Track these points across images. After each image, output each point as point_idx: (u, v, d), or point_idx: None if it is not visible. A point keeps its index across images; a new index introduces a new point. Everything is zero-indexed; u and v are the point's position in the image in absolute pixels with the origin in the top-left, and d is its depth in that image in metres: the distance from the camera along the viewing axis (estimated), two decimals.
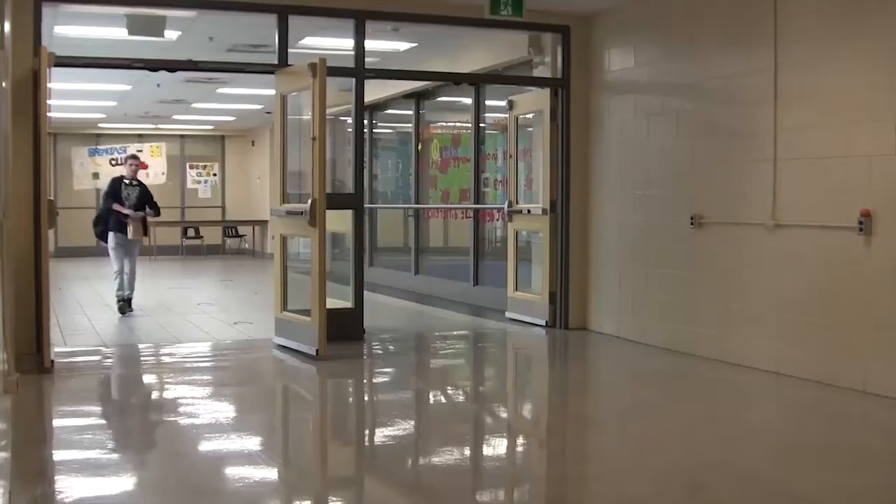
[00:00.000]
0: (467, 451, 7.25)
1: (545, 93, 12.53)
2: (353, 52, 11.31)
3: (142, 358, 10.73)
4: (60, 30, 12.35)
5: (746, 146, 9.75)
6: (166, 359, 10.86)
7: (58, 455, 6.90)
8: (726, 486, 6.07)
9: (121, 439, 7.24)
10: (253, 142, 29.60)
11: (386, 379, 10.18)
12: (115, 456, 6.79)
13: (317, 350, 10.03)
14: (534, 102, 13.01)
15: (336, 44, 13.00)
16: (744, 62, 9.80)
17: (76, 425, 7.70)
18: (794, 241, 9.20)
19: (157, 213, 14.75)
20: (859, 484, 6.12)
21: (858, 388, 8.46)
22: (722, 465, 6.50)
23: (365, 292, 11.58)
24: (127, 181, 14.46)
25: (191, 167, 28.25)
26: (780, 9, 9.31)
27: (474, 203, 15.99)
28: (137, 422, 7.81)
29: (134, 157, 15.22)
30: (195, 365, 10.35)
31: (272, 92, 11.21)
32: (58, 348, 10.38)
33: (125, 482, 6.20)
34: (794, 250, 9.18)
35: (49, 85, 9.70)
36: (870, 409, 8.10)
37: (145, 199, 14.42)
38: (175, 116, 25.14)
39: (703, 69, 10.35)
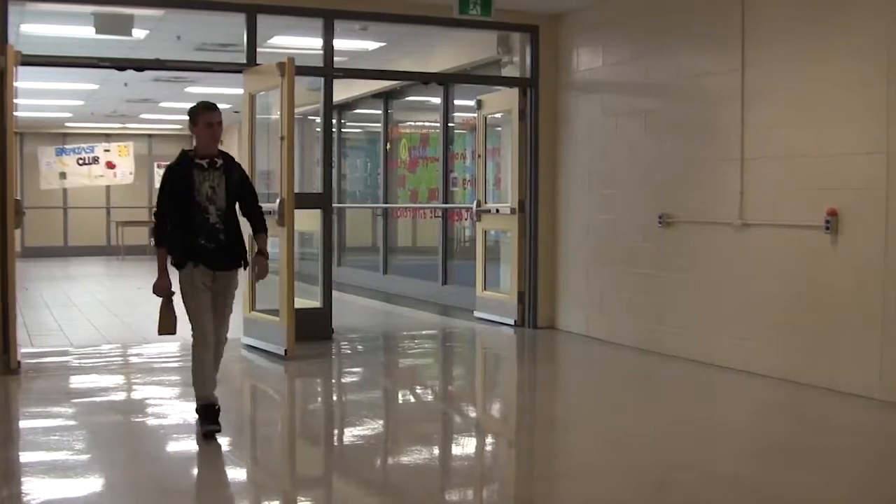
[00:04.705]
0: (436, 451, 7.26)
1: (514, 92, 12.55)
2: (321, 52, 11.30)
3: (109, 358, 10.68)
4: (27, 28, 12.29)
5: (714, 145, 9.79)
6: (134, 359, 10.82)
7: (24, 456, 6.87)
8: (695, 485, 6.10)
9: (88, 440, 7.20)
10: (221, 141, 29.43)
11: (354, 378, 10.17)
12: (82, 457, 6.76)
13: (285, 350, 10.02)
14: (502, 102, 13.03)
15: (304, 43, 12.99)
16: (711, 61, 9.84)
17: (43, 426, 7.66)
18: (761, 241, 9.25)
19: (257, 212, 7.65)
20: (826, 482, 6.16)
21: (826, 387, 8.52)
22: (690, 465, 6.53)
23: (333, 292, 11.58)
24: (203, 161, 7.37)
25: (158, 166, 28.02)
26: (747, 8, 9.36)
27: (443, 202, 15.99)
28: (105, 423, 7.77)
29: (209, 106, 7.60)
30: (163, 365, 10.30)
31: (241, 91, 11.18)
32: (24, 349, 10.32)
33: (93, 483, 6.18)
34: (762, 249, 9.23)
35: (15, 84, 9.65)
36: (837, 407, 8.14)
37: (238, 191, 7.46)
38: (143, 116, 25.02)
39: (671, 68, 10.39)
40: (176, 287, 7.13)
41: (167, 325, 7.39)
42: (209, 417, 7.09)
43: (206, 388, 7.16)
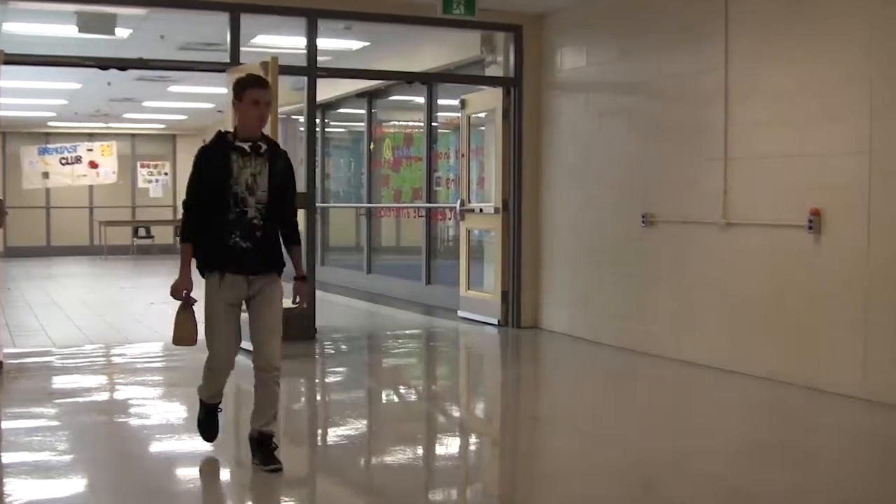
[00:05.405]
0: (420, 451, 7.26)
1: (497, 92, 12.56)
2: (305, 51, 11.29)
3: (92, 358, 10.64)
4: (9, 27, 12.24)
5: (697, 144, 9.81)
6: (117, 359, 10.79)
7: (7, 457, 6.84)
8: (678, 484, 6.11)
9: (71, 441, 7.18)
10: (205, 141, 29.34)
11: (338, 378, 10.17)
12: (65, 458, 6.73)
13: None
14: (486, 101, 13.03)
15: (288, 42, 12.97)
16: (695, 61, 9.86)
17: (26, 427, 7.63)
18: (745, 240, 9.27)
19: (293, 219, 6.50)
20: (808, 481, 6.18)
21: (809, 386, 8.54)
22: (674, 463, 6.54)
23: (317, 292, 11.56)
24: (244, 145, 6.19)
25: (142, 166, 28.04)
26: (730, 7, 9.38)
27: (426, 202, 15.98)
28: (88, 423, 7.75)
29: (258, 82, 6.30)
30: (146, 365, 10.28)
31: (224, 90, 11.15)
32: (6, 349, 10.27)
33: (76, 484, 6.15)
34: (746, 249, 9.25)
35: None
36: (820, 406, 8.17)
37: (282, 184, 6.26)
38: (126, 115, 24.95)
39: (655, 68, 10.41)
40: (196, 293, 6.27)
41: (184, 335, 6.41)
42: (210, 419, 6.68)
43: (215, 398, 6.63)
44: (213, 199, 6.07)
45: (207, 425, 6.66)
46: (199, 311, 6.28)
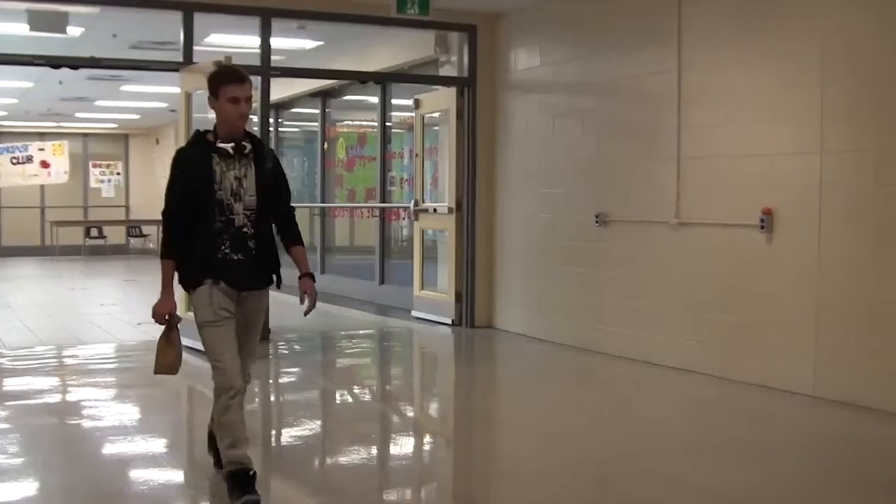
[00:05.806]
0: (374, 451, 7.25)
1: (451, 92, 12.56)
2: (258, 51, 11.25)
3: (44, 360, 10.56)
4: None
5: (651, 145, 9.86)
6: (69, 361, 10.70)
7: None
8: (633, 482, 6.14)
9: (23, 443, 7.12)
10: (157, 140, 29.28)
11: (292, 379, 10.13)
12: (16, 461, 6.67)
13: None
14: (440, 101, 13.03)
15: (242, 41, 12.91)
16: (648, 62, 9.90)
17: None
18: (697, 240, 9.32)
19: (290, 220, 6.06)
20: (761, 478, 6.21)
21: (761, 384, 8.60)
22: (628, 461, 6.58)
23: (270, 292, 11.49)
24: (227, 146, 5.49)
25: (94, 166, 27.86)
26: (683, 9, 9.43)
27: (380, 202, 15.97)
28: (40, 425, 7.68)
29: (233, 76, 5.49)
30: (99, 367, 10.21)
31: (177, 90, 11.10)
32: None
33: (27, 487, 6.11)
34: (698, 248, 9.31)
35: None
36: (772, 404, 8.23)
37: (272, 185, 5.70)
38: (78, 114, 24.76)
39: (608, 69, 10.44)
40: (182, 311, 5.75)
41: (166, 363, 5.81)
42: (243, 485, 5.49)
43: (238, 446, 5.54)
44: (195, 208, 5.43)
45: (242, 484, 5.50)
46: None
